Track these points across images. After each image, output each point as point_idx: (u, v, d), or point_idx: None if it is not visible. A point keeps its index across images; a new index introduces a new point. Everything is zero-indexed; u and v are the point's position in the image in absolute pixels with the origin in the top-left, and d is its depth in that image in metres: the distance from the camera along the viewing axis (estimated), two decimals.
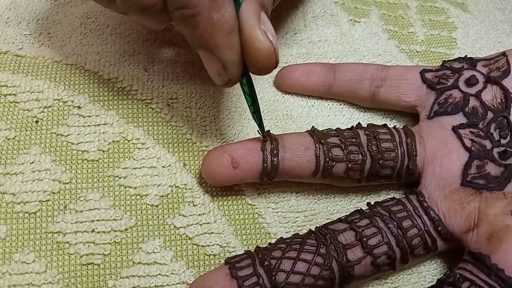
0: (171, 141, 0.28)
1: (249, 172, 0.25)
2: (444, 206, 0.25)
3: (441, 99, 0.28)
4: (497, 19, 0.37)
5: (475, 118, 0.27)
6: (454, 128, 0.27)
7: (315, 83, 0.31)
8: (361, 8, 0.36)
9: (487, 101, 0.27)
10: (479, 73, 0.28)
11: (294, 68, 0.31)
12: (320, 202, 0.28)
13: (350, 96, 0.31)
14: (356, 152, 0.26)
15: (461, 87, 0.28)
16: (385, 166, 0.26)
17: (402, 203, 0.26)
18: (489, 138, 0.26)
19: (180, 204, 0.27)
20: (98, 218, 0.26)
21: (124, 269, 0.25)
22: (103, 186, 0.27)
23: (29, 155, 0.27)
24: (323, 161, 0.25)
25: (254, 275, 0.23)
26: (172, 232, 0.26)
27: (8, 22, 0.31)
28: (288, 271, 0.23)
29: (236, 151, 0.25)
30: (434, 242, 0.25)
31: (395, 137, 0.27)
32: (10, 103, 0.28)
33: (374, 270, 0.24)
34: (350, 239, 0.24)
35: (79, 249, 0.25)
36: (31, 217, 0.25)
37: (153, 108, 0.29)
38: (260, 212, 0.27)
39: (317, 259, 0.23)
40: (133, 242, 0.25)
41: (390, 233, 0.24)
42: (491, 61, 0.28)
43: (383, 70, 0.30)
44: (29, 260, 0.24)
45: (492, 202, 0.24)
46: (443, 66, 0.29)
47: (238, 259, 0.24)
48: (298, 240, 0.24)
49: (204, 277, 0.23)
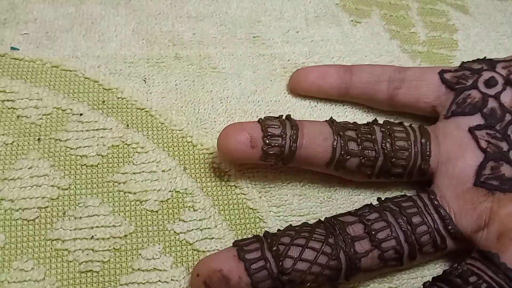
0: (171, 144, 0.28)
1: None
2: (456, 206, 0.25)
3: (459, 98, 0.27)
4: (497, 21, 0.37)
5: (493, 120, 0.26)
6: (471, 129, 0.26)
7: (332, 85, 0.30)
8: (362, 9, 0.36)
9: (506, 103, 0.27)
10: (499, 75, 0.28)
11: (309, 70, 0.31)
12: (322, 206, 0.28)
13: (367, 98, 0.30)
14: (371, 148, 0.26)
15: (481, 88, 0.27)
16: (397, 165, 0.26)
17: (413, 200, 0.25)
18: (506, 140, 0.26)
19: (180, 209, 0.26)
20: (97, 225, 0.25)
21: (123, 276, 0.24)
22: (102, 192, 0.26)
23: (27, 160, 0.26)
24: (338, 153, 0.25)
25: (262, 259, 0.22)
26: (172, 238, 0.26)
27: (6, 23, 0.31)
28: (295, 258, 0.22)
29: (256, 130, 0.25)
30: (444, 240, 0.24)
31: (410, 135, 0.26)
32: (8, 108, 0.28)
33: (381, 264, 0.24)
34: (359, 231, 0.24)
35: (78, 256, 0.24)
36: (30, 224, 0.25)
37: (152, 115, 0.29)
38: (262, 217, 0.27)
39: (325, 248, 0.23)
40: (132, 248, 0.25)
41: (399, 227, 0.24)
42: (511, 62, 0.28)
43: (400, 71, 0.29)
44: (27, 267, 0.24)
45: (504, 203, 0.24)
46: (462, 67, 0.29)
47: (246, 242, 0.23)
48: (307, 228, 0.24)
49: (211, 257, 0.23)
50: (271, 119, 0.26)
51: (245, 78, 0.31)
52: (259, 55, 0.33)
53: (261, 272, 0.22)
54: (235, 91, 0.31)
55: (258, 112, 0.30)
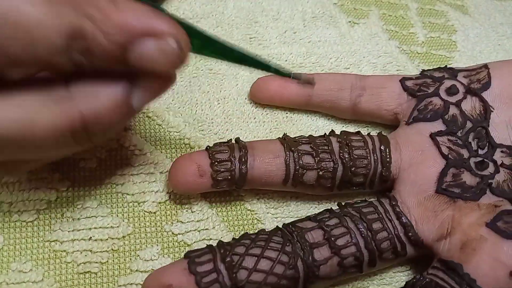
0: (168, 146, 0.28)
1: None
2: (417, 213, 0.25)
3: (421, 105, 0.27)
4: (497, 21, 0.37)
5: (454, 126, 0.26)
6: (432, 135, 0.26)
7: (295, 94, 0.29)
8: (360, 9, 0.36)
9: (467, 110, 0.27)
10: (460, 83, 0.28)
11: (270, 79, 0.30)
12: (320, 207, 0.28)
13: (330, 107, 0.30)
14: (328, 159, 0.25)
15: (442, 95, 0.27)
16: (357, 174, 0.25)
17: (374, 205, 0.25)
18: (467, 147, 0.26)
19: (178, 211, 0.27)
20: (95, 226, 0.25)
21: (121, 277, 0.25)
22: (100, 194, 0.26)
23: None
24: (293, 169, 0.25)
25: (214, 271, 0.21)
26: (170, 239, 0.26)
27: None
28: (250, 269, 0.22)
29: (203, 159, 0.25)
30: (404, 247, 0.24)
31: (368, 144, 0.26)
32: None
33: (340, 272, 0.23)
34: (318, 238, 0.23)
35: (76, 258, 0.25)
36: (29, 226, 0.25)
37: (150, 116, 0.29)
38: (260, 218, 0.27)
39: (281, 257, 0.22)
40: (130, 249, 0.25)
41: (359, 234, 0.24)
42: (472, 72, 0.28)
43: (361, 79, 0.29)
44: (26, 269, 0.24)
45: (466, 212, 0.24)
46: (423, 75, 0.29)
47: (198, 254, 0.22)
48: (263, 236, 0.23)
49: (161, 271, 0.22)
50: (219, 144, 0.26)
51: (242, 79, 0.31)
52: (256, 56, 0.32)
53: (213, 285, 0.21)
54: (232, 92, 0.31)
55: (256, 114, 0.30)
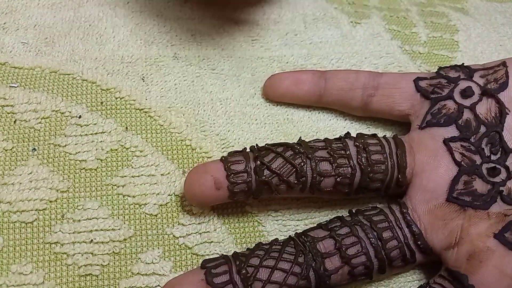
0: (170, 147, 0.28)
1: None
2: (427, 221, 0.25)
3: (434, 109, 0.27)
4: (498, 22, 0.37)
5: (467, 132, 0.26)
6: (446, 141, 0.26)
7: (306, 92, 0.30)
8: (361, 12, 0.36)
9: (481, 114, 0.26)
10: (476, 84, 0.27)
11: (283, 76, 0.30)
12: (321, 210, 0.28)
13: (341, 105, 0.30)
14: (346, 165, 0.25)
15: (456, 98, 0.27)
16: (375, 179, 0.25)
17: (384, 214, 0.25)
18: (479, 153, 0.26)
19: (179, 213, 0.26)
20: (97, 228, 0.25)
21: (123, 280, 0.24)
22: (101, 195, 0.26)
23: (27, 167, 0.26)
24: (310, 176, 0.25)
25: (230, 283, 0.22)
26: (172, 242, 0.26)
27: (5, 29, 0.31)
28: (264, 281, 0.22)
29: (219, 170, 0.24)
30: (413, 254, 0.24)
31: (385, 148, 0.26)
32: (7, 113, 0.28)
33: (350, 280, 0.24)
34: (329, 247, 0.24)
35: (77, 260, 0.24)
36: (28, 227, 0.25)
37: (151, 116, 0.29)
38: (260, 220, 0.27)
39: (294, 268, 0.23)
40: (132, 252, 0.25)
41: (369, 243, 0.24)
42: (489, 70, 0.28)
43: (375, 78, 0.29)
44: (26, 271, 0.24)
45: (475, 221, 0.24)
46: (438, 74, 0.28)
47: (214, 264, 0.23)
48: (276, 247, 0.24)
49: (178, 282, 0.23)
50: (234, 154, 0.25)
51: (244, 80, 0.31)
52: (258, 58, 0.32)
53: None
54: (234, 93, 0.31)
55: (257, 115, 0.30)
